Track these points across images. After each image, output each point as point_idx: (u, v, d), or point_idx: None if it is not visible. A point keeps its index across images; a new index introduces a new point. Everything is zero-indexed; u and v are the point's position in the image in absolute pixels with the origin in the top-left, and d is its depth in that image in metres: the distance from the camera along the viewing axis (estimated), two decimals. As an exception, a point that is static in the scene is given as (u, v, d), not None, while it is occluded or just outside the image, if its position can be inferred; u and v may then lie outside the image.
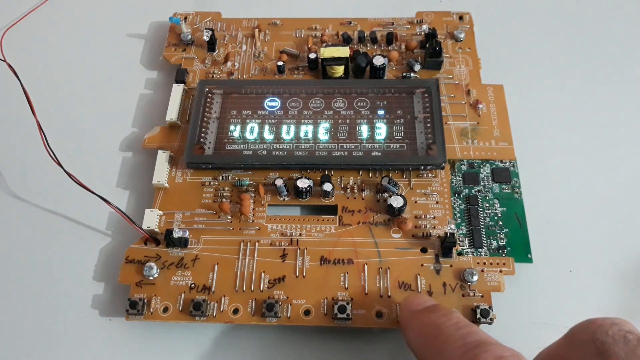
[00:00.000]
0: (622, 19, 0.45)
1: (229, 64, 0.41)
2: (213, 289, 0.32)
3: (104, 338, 0.33)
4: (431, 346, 0.26)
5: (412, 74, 0.40)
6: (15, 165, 0.39)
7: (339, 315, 0.31)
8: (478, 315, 0.30)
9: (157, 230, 0.34)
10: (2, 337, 0.33)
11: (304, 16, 0.44)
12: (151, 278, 0.33)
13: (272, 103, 0.38)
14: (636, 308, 0.32)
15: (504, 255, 0.33)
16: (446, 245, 0.32)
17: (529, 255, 0.33)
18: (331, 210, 0.35)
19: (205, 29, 0.43)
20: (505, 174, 0.36)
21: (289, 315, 0.31)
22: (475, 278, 0.31)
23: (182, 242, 0.34)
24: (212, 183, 0.36)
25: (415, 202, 0.35)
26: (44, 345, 0.32)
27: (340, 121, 0.37)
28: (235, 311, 0.32)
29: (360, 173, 0.36)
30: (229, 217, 0.35)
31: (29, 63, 0.44)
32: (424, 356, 0.27)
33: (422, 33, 0.41)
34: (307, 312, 0.31)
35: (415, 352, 0.27)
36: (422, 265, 0.32)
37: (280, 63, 0.41)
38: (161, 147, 0.38)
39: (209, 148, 0.37)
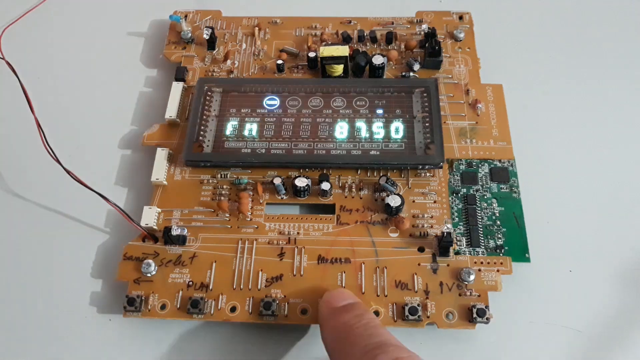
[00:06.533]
0: (622, 19, 0.45)
1: (228, 62, 0.42)
2: (211, 287, 0.32)
3: (101, 335, 0.33)
4: (340, 346, 0.27)
5: (411, 74, 0.40)
6: (14, 163, 0.39)
7: (336, 314, 0.31)
8: (474, 315, 0.30)
9: (155, 227, 0.34)
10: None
11: (304, 15, 0.44)
12: (149, 275, 0.33)
13: (271, 101, 0.39)
14: (636, 308, 0.32)
15: (501, 254, 0.33)
16: (443, 245, 0.32)
17: (527, 255, 0.33)
18: (329, 209, 0.35)
19: (206, 27, 0.43)
20: (503, 174, 0.36)
21: (286, 313, 0.31)
22: (472, 277, 0.31)
23: (181, 240, 0.34)
24: (210, 181, 0.36)
25: (413, 201, 0.35)
26: (41, 341, 0.33)
27: (339, 120, 0.37)
28: (233, 309, 0.32)
29: (359, 172, 0.36)
30: (227, 215, 0.35)
31: (28, 61, 0.44)
32: (333, 356, 0.27)
33: (422, 32, 0.41)
34: (304, 311, 0.31)
35: (327, 351, 0.28)
36: (419, 264, 0.32)
37: (279, 62, 0.41)
38: (160, 144, 0.38)
39: (207, 146, 0.37)
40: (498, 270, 0.32)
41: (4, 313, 0.34)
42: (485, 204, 0.34)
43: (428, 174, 0.36)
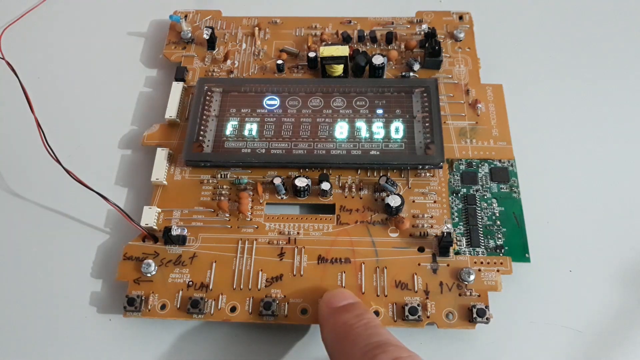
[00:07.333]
0: (622, 19, 0.45)
1: (228, 62, 0.42)
2: (211, 287, 0.32)
3: (101, 335, 0.33)
4: (340, 346, 0.27)
5: (411, 74, 0.40)
6: (14, 163, 0.39)
7: (336, 314, 0.31)
8: (474, 315, 0.30)
9: (155, 227, 0.34)
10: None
11: (304, 15, 0.44)
12: (149, 275, 0.33)
13: (271, 102, 0.39)
14: (636, 308, 0.32)
15: (501, 254, 0.33)
16: (443, 245, 0.32)
17: (527, 255, 0.33)
18: (329, 209, 0.35)
19: (206, 27, 0.43)
20: (503, 174, 0.36)
21: (286, 313, 0.31)
22: (472, 277, 0.31)
23: (181, 240, 0.34)
24: (210, 181, 0.36)
25: (413, 201, 0.35)
26: (41, 341, 0.33)
27: (339, 120, 0.37)
28: (233, 309, 0.32)
29: (359, 172, 0.36)
30: (227, 215, 0.35)
31: (28, 61, 0.44)
32: (333, 356, 0.27)
33: (422, 32, 0.41)
34: (304, 311, 0.31)
35: (327, 351, 0.28)
36: (419, 264, 0.32)
37: (279, 62, 0.41)
38: (160, 144, 0.38)
39: (207, 146, 0.37)
40: (498, 270, 0.32)
41: (4, 313, 0.34)
42: (485, 204, 0.34)
43: (428, 174, 0.36)
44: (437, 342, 0.32)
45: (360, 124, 0.37)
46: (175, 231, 0.33)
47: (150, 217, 0.34)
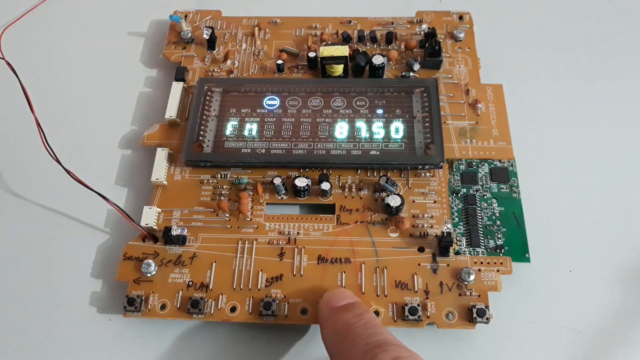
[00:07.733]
0: (622, 19, 0.45)
1: (228, 62, 0.42)
2: (211, 287, 0.32)
3: (101, 335, 0.33)
4: (340, 346, 0.27)
5: (411, 74, 0.40)
6: (14, 163, 0.39)
7: (336, 314, 0.31)
8: (474, 315, 0.30)
9: (155, 227, 0.34)
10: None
11: (304, 15, 0.44)
12: (149, 275, 0.33)
13: (271, 102, 0.39)
14: (636, 308, 0.32)
15: (501, 254, 0.33)
16: (443, 245, 0.32)
17: (527, 255, 0.33)
18: (329, 209, 0.35)
19: (206, 27, 0.43)
20: (503, 174, 0.36)
21: (286, 313, 0.31)
22: (472, 277, 0.31)
23: (181, 240, 0.34)
24: (210, 181, 0.36)
25: (413, 201, 0.35)
26: (41, 341, 0.33)
27: (339, 120, 0.37)
28: (233, 309, 0.32)
29: (359, 172, 0.36)
30: (227, 215, 0.35)
31: (28, 61, 0.44)
32: (333, 356, 0.28)
33: (422, 32, 0.41)
34: (304, 311, 0.31)
35: (327, 351, 0.28)
36: (419, 264, 0.32)
37: (279, 62, 0.41)
38: (160, 144, 0.38)
39: (207, 146, 0.37)
40: (498, 270, 0.32)
41: (4, 313, 0.34)
42: (485, 204, 0.34)
43: (428, 174, 0.36)
44: (437, 342, 0.32)
45: (360, 124, 0.37)
46: (175, 231, 0.33)
47: (150, 217, 0.34)
